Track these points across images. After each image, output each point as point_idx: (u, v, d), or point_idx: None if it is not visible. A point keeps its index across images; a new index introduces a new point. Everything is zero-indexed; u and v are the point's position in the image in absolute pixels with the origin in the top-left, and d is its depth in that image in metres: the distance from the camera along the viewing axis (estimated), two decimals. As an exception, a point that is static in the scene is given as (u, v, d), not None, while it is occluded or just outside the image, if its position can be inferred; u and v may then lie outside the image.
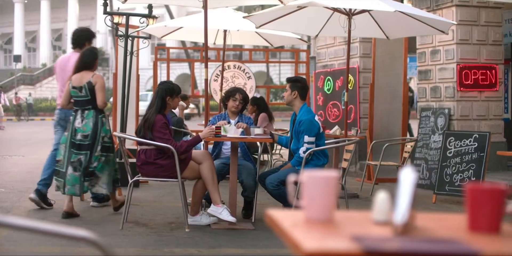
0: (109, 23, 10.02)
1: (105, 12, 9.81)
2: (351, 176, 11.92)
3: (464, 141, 9.10)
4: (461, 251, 1.41)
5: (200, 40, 12.66)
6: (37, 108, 49.71)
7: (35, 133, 25.25)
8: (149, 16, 10.18)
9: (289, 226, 1.68)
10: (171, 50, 57.99)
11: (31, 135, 23.87)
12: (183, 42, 40.30)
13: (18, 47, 69.13)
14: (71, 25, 67.66)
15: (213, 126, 6.63)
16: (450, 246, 1.44)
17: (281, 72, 51.19)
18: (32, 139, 21.38)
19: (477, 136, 9.04)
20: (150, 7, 9.99)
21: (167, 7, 42.67)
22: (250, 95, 12.70)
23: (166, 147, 6.35)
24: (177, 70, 57.28)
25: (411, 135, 16.19)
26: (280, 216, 1.83)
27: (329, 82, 13.03)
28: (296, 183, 1.88)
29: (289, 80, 7.09)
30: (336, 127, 9.97)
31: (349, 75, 12.29)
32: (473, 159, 8.95)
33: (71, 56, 8.05)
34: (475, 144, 8.98)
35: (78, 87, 7.18)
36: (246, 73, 13.93)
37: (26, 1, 68.20)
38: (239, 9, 35.25)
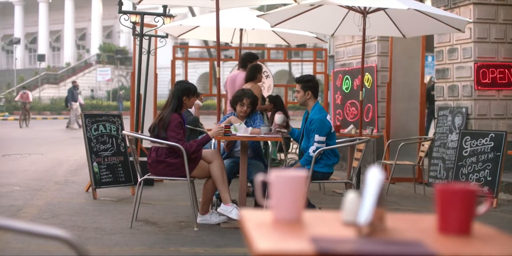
0: (124, 22, 10.05)
1: (120, 11, 9.85)
2: (369, 175, 11.86)
3: (480, 141, 9.01)
4: (417, 253, 1.38)
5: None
6: (61, 107, 50.03)
7: (57, 132, 25.43)
8: (164, 15, 10.19)
9: (253, 226, 1.65)
10: (194, 49, 57.82)
11: (52, 134, 24.02)
12: (205, 41, 40.34)
13: (42, 47, 69.67)
14: (95, 24, 68.24)
15: (222, 125, 6.61)
16: (406, 248, 1.41)
17: (304, 71, 51.03)
18: (53, 138, 21.52)
19: (493, 135, 8.94)
20: (165, 6, 10.01)
21: (189, 6, 42.71)
22: (269, 94, 12.66)
23: (176, 146, 6.34)
24: (200, 69, 57.35)
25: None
26: (250, 215, 1.80)
27: (347, 81, 12.99)
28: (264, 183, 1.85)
29: (300, 80, 6.91)
30: (351, 126, 9.91)
31: (367, 74, 12.26)
32: (489, 159, 8.86)
33: (237, 74, 9.79)
34: (491, 144, 8.89)
35: None
36: (264, 72, 13.86)
37: (50, 1, 68.70)
38: (261, 8, 35.17)
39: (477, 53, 10.27)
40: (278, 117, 6.92)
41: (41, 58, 56.63)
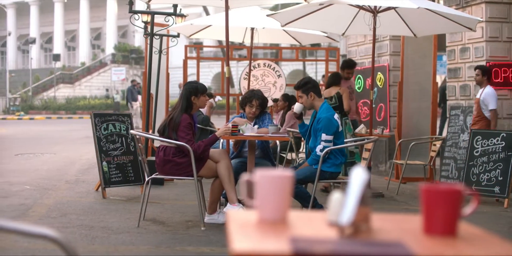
0: (135, 22, 10.08)
1: (130, 11, 9.87)
2: (381, 175, 11.82)
3: (491, 140, 8.95)
4: (395, 254, 1.36)
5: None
6: (76, 107, 50.28)
7: (71, 131, 25.49)
8: (175, 14, 10.20)
9: (236, 226, 1.64)
10: (209, 49, 57.64)
11: (66, 133, 24.11)
12: (220, 41, 40.41)
13: (58, 46, 70.04)
14: (110, 24, 68.50)
15: (229, 125, 6.61)
16: (385, 249, 1.39)
17: (318, 71, 51.01)
18: (66, 137, 21.59)
19: (505, 135, 8.87)
20: (175, 6, 10.02)
21: (204, 6, 42.77)
22: (280, 94, 12.66)
23: (184, 146, 6.33)
24: (215, 69, 57.36)
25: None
26: (235, 215, 1.80)
27: (359, 80, 12.94)
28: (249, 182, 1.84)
29: (298, 86, 6.88)
30: (362, 125, 9.89)
31: (379, 73, 12.21)
32: (501, 159, 8.79)
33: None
34: (502, 143, 8.82)
35: (328, 97, 9.71)
36: (276, 71, 13.88)
37: (65, 1, 69.02)
38: (275, 7, 35.13)
39: (489, 52, 10.21)
40: (297, 106, 6.91)
41: (56, 57, 56.92)
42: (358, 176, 1.62)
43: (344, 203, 1.59)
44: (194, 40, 46.52)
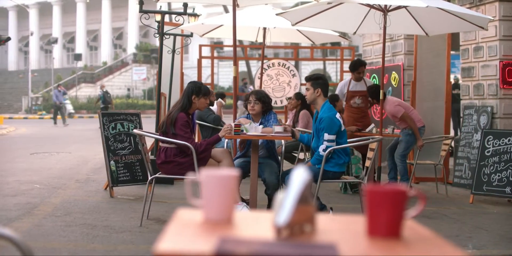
0: (145, 21, 10.08)
1: (141, 10, 9.88)
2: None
3: (503, 140, 8.86)
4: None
5: (241, 37, 12.64)
6: (97, 106, 50.50)
7: (90, 131, 25.63)
8: (185, 14, 10.19)
9: (176, 225, 1.62)
10: (230, 48, 57.66)
11: (85, 132, 24.25)
12: (240, 41, 40.35)
13: (80, 46, 70.46)
14: (132, 23, 68.75)
15: (232, 124, 6.59)
16: (311, 251, 1.35)
17: (338, 70, 50.86)
18: (84, 136, 21.70)
19: (516, 135, 8.78)
20: (185, 5, 10.01)
21: (224, 5, 42.75)
22: (295, 92, 12.61)
23: (185, 145, 6.33)
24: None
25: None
26: (182, 215, 1.78)
27: (374, 79, 12.88)
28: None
29: (309, 78, 6.87)
30: (372, 125, 9.83)
31: (394, 72, 12.14)
32: (512, 159, 8.70)
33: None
34: (513, 143, 8.72)
35: None
36: (290, 70, 13.85)
37: (88, 1, 69.41)
38: (296, 6, 35.00)
39: (503, 51, 10.10)
40: (278, 127, 6.82)
41: (78, 57, 57.29)
42: (299, 176, 1.59)
43: (282, 204, 1.56)
44: (216, 39, 46.55)
